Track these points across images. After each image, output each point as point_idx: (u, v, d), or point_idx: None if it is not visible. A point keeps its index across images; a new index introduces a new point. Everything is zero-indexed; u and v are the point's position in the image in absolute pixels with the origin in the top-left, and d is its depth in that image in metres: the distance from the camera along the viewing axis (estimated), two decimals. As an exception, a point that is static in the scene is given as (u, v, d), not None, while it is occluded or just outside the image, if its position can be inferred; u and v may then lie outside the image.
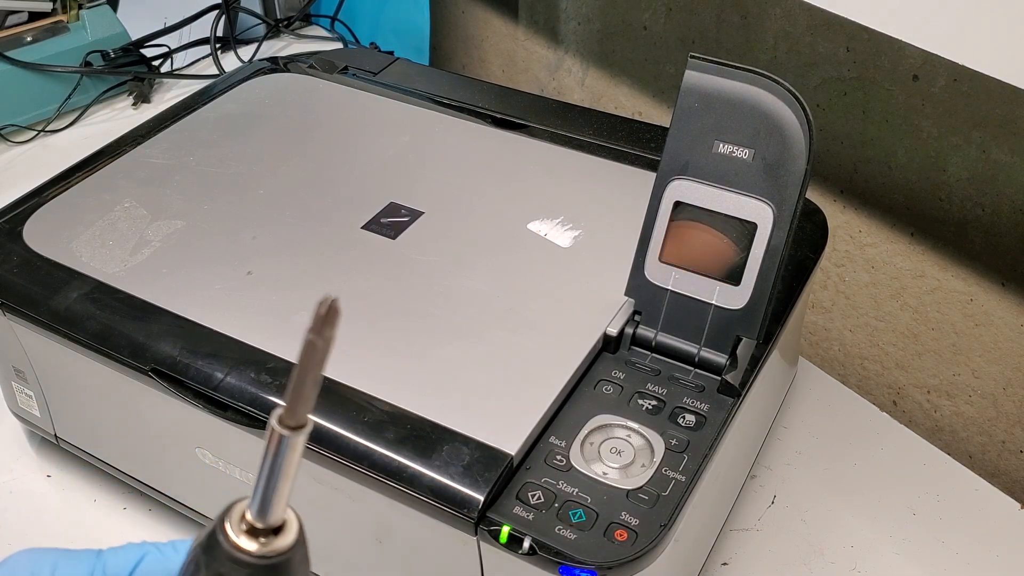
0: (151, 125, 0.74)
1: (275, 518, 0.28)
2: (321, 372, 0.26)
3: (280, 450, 0.27)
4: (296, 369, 0.26)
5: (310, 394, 0.27)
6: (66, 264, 0.60)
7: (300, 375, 0.26)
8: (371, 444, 0.49)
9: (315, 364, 0.26)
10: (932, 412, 0.82)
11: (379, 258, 0.60)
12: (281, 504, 0.28)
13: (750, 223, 0.52)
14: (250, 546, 0.28)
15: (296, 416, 0.27)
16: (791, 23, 0.82)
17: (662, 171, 0.54)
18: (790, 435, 0.70)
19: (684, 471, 0.49)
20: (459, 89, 0.78)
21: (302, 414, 0.27)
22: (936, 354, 0.80)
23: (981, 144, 0.72)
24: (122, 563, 0.34)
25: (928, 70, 0.73)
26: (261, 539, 0.28)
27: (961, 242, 0.75)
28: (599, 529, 0.46)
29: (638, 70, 1.01)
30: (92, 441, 0.65)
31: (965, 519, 0.65)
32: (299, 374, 0.26)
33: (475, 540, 0.47)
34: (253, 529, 0.28)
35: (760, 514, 0.65)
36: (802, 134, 0.51)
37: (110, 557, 0.34)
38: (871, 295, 0.84)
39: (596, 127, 0.72)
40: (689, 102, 0.53)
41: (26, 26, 1.05)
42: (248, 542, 0.28)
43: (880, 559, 0.62)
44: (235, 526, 0.28)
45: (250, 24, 1.22)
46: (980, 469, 0.75)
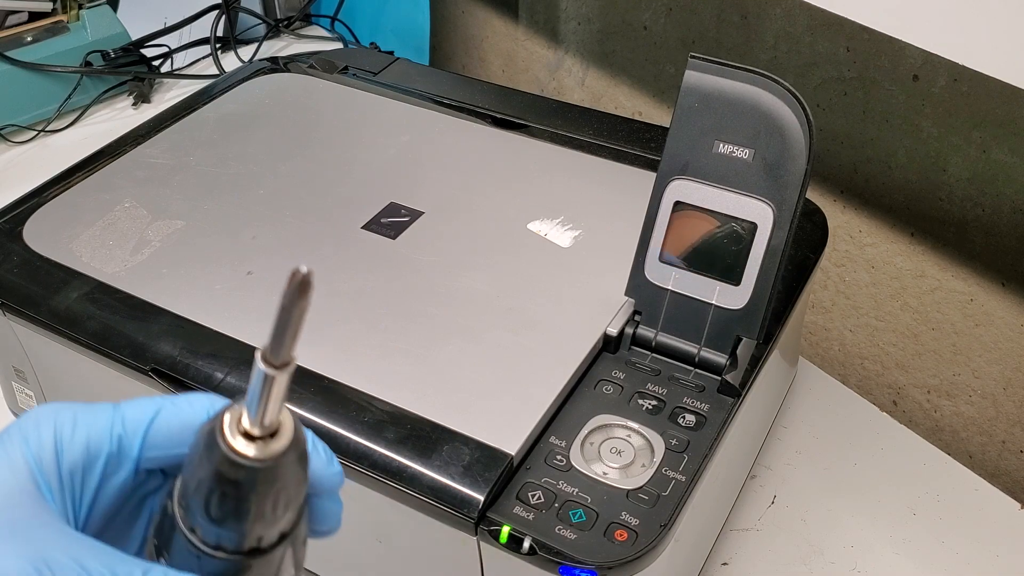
0: (151, 125, 0.74)
1: (269, 424, 0.30)
2: (303, 319, 0.28)
3: (267, 384, 0.29)
4: (278, 312, 0.28)
5: (292, 337, 0.28)
6: (66, 264, 0.60)
7: (280, 321, 0.28)
8: (371, 444, 0.49)
9: (296, 315, 0.28)
10: (932, 412, 0.82)
11: (379, 258, 0.60)
12: (272, 414, 0.30)
13: (750, 223, 0.52)
14: (247, 450, 0.30)
15: (280, 356, 0.29)
16: (791, 23, 0.82)
17: (662, 171, 0.54)
18: (790, 435, 0.70)
19: (684, 471, 0.49)
20: (459, 89, 0.78)
21: (285, 354, 0.29)
22: (936, 354, 0.80)
23: (981, 144, 0.72)
24: (139, 415, 0.35)
25: (928, 70, 0.73)
26: (258, 443, 0.30)
27: (961, 242, 0.75)
28: (599, 529, 0.46)
29: (638, 70, 1.01)
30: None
31: (965, 519, 0.65)
32: (279, 320, 0.28)
33: (475, 540, 0.47)
34: (249, 433, 0.30)
35: (760, 514, 0.65)
36: (802, 134, 0.51)
37: (127, 409, 0.35)
38: (871, 295, 0.84)
39: (596, 127, 0.73)
40: (689, 102, 0.53)
41: (26, 26, 1.05)
42: (245, 445, 0.30)
43: (880, 559, 0.62)
44: (232, 428, 0.30)
45: (250, 24, 1.22)
46: (980, 469, 0.75)
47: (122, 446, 0.34)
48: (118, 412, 0.35)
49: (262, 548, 0.32)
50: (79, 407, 0.35)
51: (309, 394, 0.51)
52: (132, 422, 0.35)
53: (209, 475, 0.30)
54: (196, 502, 0.31)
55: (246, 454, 0.30)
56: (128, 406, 0.35)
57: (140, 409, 0.35)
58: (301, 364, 0.53)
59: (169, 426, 0.35)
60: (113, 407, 0.35)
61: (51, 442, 0.33)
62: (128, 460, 0.34)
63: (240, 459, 0.29)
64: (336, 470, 0.36)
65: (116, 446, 0.34)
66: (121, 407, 0.35)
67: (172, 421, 0.35)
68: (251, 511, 0.30)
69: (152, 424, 0.35)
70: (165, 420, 0.35)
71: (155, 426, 0.35)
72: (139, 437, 0.34)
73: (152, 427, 0.35)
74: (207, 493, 0.30)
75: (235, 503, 0.30)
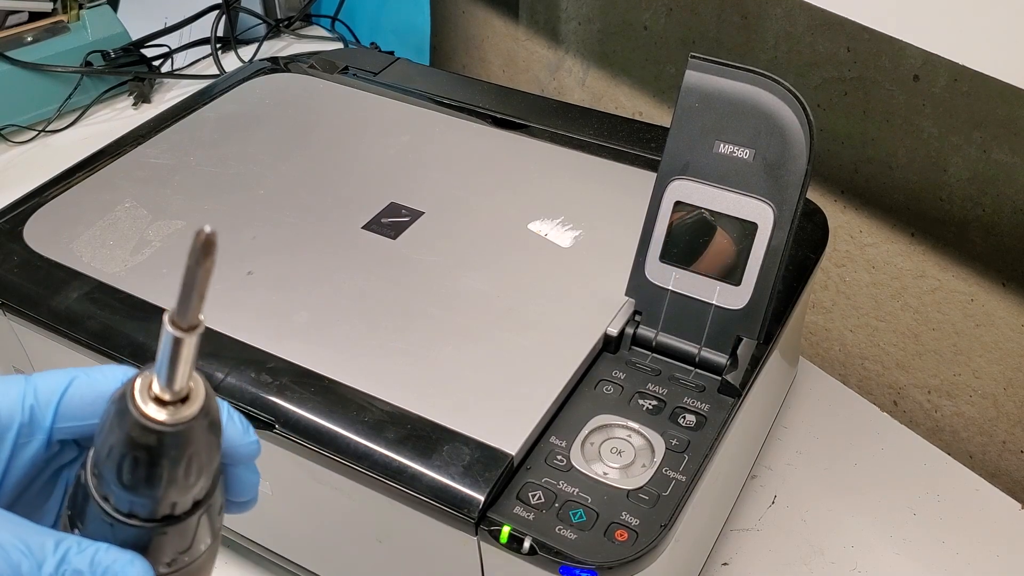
0: (151, 125, 0.74)
1: (179, 388, 0.30)
2: (208, 280, 0.28)
3: (175, 348, 0.29)
4: (183, 273, 0.28)
5: (199, 299, 0.29)
6: (66, 264, 0.60)
7: (187, 282, 0.28)
8: (371, 444, 0.49)
9: (202, 276, 0.28)
10: (933, 412, 0.82)
11: (379, 258, 0.60)
12: (182, 378, 0.30)
13: (751, 223, 0.52)
14: (158, 415, 0.30)
15: (187, 319, 0.29)
16: (792, 23, 0.82)
17: (662, 171, 0.54)
18: (790, 435, 0.70)
19: (684, 471, 0.48)
20: (459, 89, 0.78)
21: (192, 317, 0.29)
22: (937, 354, 0.80)
23: (982, 144, 0.71)
24: (52, 386, 0.35)
25: (929, 70, 0.73)
26: (168, 407, 0.30)
27: (962, 242, 0.75)
28: (599, 529, 0.46)
29: (638, 70, 1.01)
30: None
31: (966, 519, 0.64)
32: (185, 281, 0.28)
33: (475, 540, 0.47)
34: (159, 398, 0.30)
35: (760, 514, 0.65)
36: (803, 134, 0.51)
37: (39, 381, 0.35)
38: (871, 295, 0.84)
39: (596, 127, 0.72)
40: (689, 102, 0.53)
41: (26, 26, 1.05)
42: (156, 410, 0.30)
43: (880, 559, 0.62)
44: (143, 394, 0.30)
45: (250, 24, 1.22)
46: (981, 469, 0.75)
47: (34, 416, 0.34)
48: (30, 383, 0.35)
49: (176, 515, 0.32)
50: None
51: (309, 394, 0.51)
52: (45, 392, 0.34)
53: (120, 441, 0.30)
54: (108, 469, 0.31)
55: (156, 418, 0.30)
56: (40, 377, 0.35)
57: (53, 379, 0.35)
58: (301, 364, 0.53)
59: (82, 396, 0.35)
60: (25, 378, 0.35)
61: None
62: (40, 431, 0.34)
63: (150, 423, 0.30)
64: (252, 439, 0.36)
65: (28, 416, 0.34)
66: (33, 378, 0.35)
67: (85, 391, 0.35)
68: (163, 477, 0.30)
69: (65, 394, 0.34)
70: (78, 390, 0.35)
71: (68, 396, 0.34)
72: (52, 407, 0.34)
73: (65, 397, 0.34)
74: (119, 459, 0.30)
75: (147, 469, 0.30)
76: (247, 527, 0.59)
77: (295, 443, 0.51)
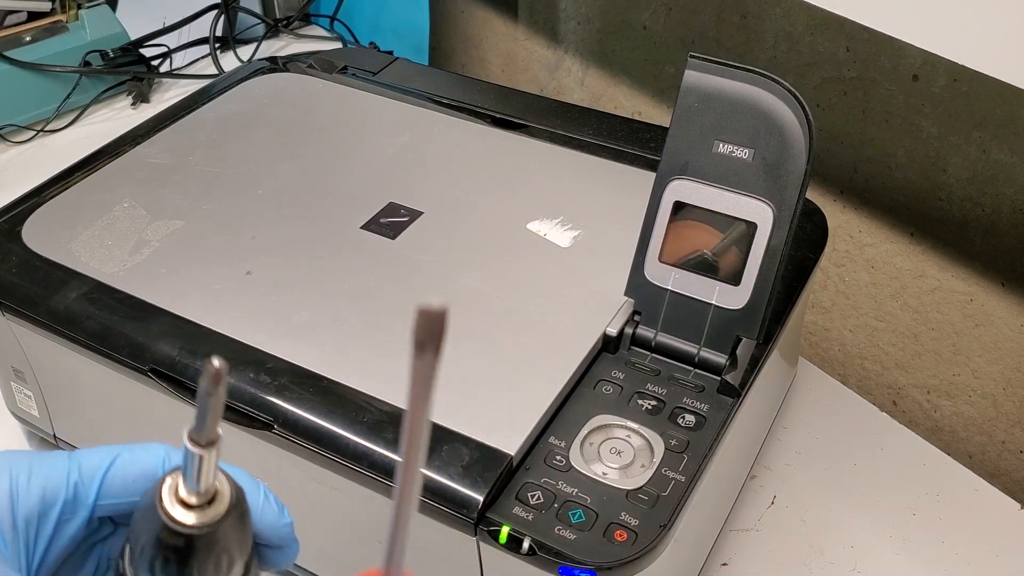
0: (150, 125, 0.73)
1: (204, 491, 0.31)
2: (221, 405, 0.30)
3: (196, 461, 0.30)
4: (198, 399, 0.29)
5: (214, 420, 0.30)
6: (65, 264, 0.60)
7: (201, 406, 0.29)
8: (371, 444, 0.49)
9: (215, 402, 0.29)
10: (932, 412, 0.82)
11: (378, 258, 0.60)
12: (206, 483, 0.31)
13: (750, 223, 0.52)
14: (186, 518, 0.31)
15: (204, 436, 0.30)
16: (791, 23, 0.82)
17: (662, 171, 0.54)
18: (790, 435, 0.70)
19: (684, 471, 0.48)
20: (458, 89, 0.78)
21: (210, 434, 0.30)
22: (936, 354, 0.80)
23: (981, 144, 0.71)
24: (95, 463, 0.35)
25: (928, 70, 0.73)
26: (196, 511, 0.31)
27: (961, 242, 0.75)
28: (599, 529, 0.46)
29: (638, 70, 1.01)
30: (91, 441, 0.65)
31: (965, 519, 0.64)
32: (200, 405, 0.29)
33: (474, 540, 0.47)
34: (187, 502, 0.31)
35: (760, 514, 0.65)
36: (802, 134, 0.51)
37: (84, 458, 0.36)
38: (871, 295, 0.84)
39: (596, 127, 0.72)
40: (689, 102, 0.53)
41: (25, 26, 1.05)
42: (184, 514, 0.31)
43: (880, 559, 0.62)
44: (171, 498, 0.31)
45: (249, 24, 1.22)
46: (980, 469, 0.75)
47: (78, 493, 0.35)
48: (74, 460, 0.35)
49: None
50: (34, 455, 0.35)
51: (308, 394, 0.51)
52: (88, 469, 0.35)
53: (152, 542, 0.31)
54: (143, 566, 0.32)
55: (184, 522, 0.31)
56: (84, 454, 0.35)
57: (96, 457, 0.35)
58: (300, 364, 0.53)
59: (125, 475, 0.35)
60: (68, 455, 0.35)
61: (7, 491, 0.34)
62: (84, 508, 0.35)
63: (179, 527, 0.31)
64: (286, 521, 0.37)
65: (72, 493, 0.34)
66: (77, 455, 0.35)
67: (128, 469, 0.35)
68: (194, 574, 0.31)
69: (108, 472, 0.35)
70: (121, 468, 0.35)
71: (111, 474, 0.35)
72: (95, 484, 0.35)
73: (108, 475, 0.35)
74: (151, 559, 0.31)
75: (178, 568, 0.31)
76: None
77: (294, 443, 0.50)
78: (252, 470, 0.55)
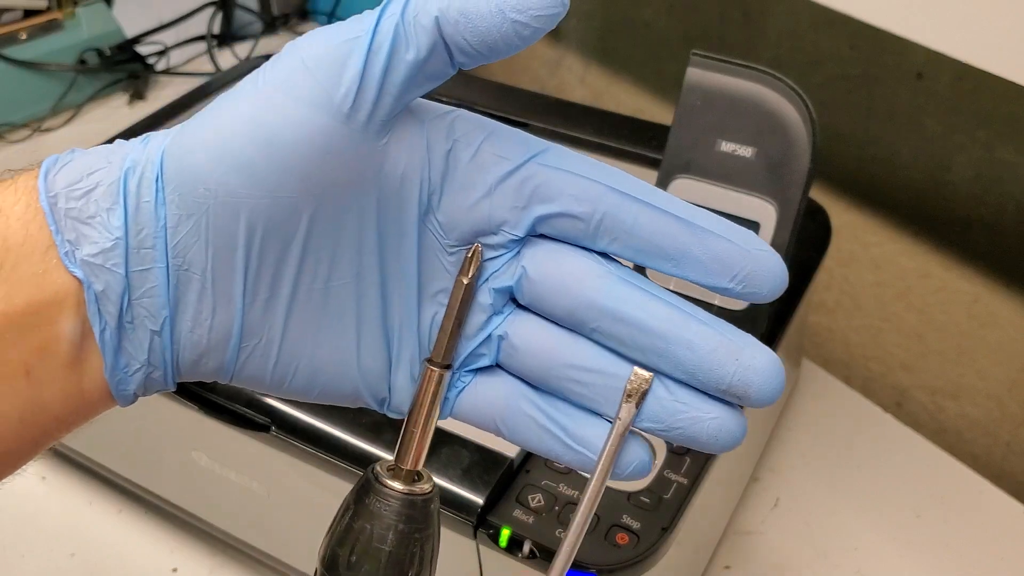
0: (147, 123, 0.73)
1: (416, 463, 0.32)
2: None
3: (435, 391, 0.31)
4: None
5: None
6: (60, 263, 0.59)
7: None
8: (370, 446, 0.48)
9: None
10: (936, 413, 0.82)
11: (377, 257, 0.59)
12: (422, 452, 0.32)
13: (753, 222, 0.52)
14: (397, 485, 0.32)
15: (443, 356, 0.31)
16: (794, 20, 0.82)
17: (664, 170, 0.53)
18: (793, 437, 0.70)
19: (686, 474, 0.48)
20: (458, 87, 0.77)
21: (448, 355, 0.31)
22: (941, 355, 0.80)
23: (986, 143, 0.71)
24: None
25: (932, 68, 0.73)
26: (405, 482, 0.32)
27: (966, 242, 0.75)
28: (600, 532, 0.45)
29: (639, 68, 1.01)
30: (87, 443, 0.64)
31: (970, 521, 0.64)
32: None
33: (475, 543, 0.47)
34: (397, 473, 0.32)
35: (763, 517, 0.64)
36: (805, 132, 0.50)
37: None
38: (875, 295, 0.83)
39: (597, 125, 0.72)
40: (691, 100, 0.52)
41: (21, 23, 1.04)
42: (395, 482, 0.32)
43: (884, 561, 0.61)
44: (383, 469, 0.33)
45: (246, 21, 1.21)
46: (985, 471, 0.75)
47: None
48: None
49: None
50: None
51: (306, 396, 0.51)
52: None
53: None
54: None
55: (397, 488, 0.32)
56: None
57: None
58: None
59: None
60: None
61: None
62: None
63: (392, 491, 0.32)
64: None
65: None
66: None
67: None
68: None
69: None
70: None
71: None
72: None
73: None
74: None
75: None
76: (244, 530, 0.59)
77: (292, 445, 0.50)
78: (251, 471, 0.54)
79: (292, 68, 0.29)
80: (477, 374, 0.32)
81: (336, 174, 0.29)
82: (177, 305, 0.30)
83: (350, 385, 0.32)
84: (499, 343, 0.31)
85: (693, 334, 0.30)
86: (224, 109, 0.30)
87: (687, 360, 0.30)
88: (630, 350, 0.30)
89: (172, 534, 0.63)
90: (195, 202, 0.29)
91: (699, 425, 0.30)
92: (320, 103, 0.29)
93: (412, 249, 0.31)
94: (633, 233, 0.30)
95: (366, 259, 0.31)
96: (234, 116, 0.29)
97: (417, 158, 0.30)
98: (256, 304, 0.30)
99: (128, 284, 0.29)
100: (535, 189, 0.30)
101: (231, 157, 0.29)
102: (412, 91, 0.30)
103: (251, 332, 0.30)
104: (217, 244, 0.29)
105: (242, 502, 0.56)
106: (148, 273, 0.29)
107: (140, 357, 0.30)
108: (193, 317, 0.30)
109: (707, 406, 0.30)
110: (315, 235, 0.30)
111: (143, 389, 0.31)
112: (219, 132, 0.29)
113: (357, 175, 0.30)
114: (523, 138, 0.31)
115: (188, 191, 0.29)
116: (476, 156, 0.31)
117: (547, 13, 0.29)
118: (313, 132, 0.29)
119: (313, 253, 0.30)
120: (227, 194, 0.29)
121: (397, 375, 0.32)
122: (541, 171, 0.30)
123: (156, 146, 0.30)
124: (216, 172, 0.29)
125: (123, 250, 0.29)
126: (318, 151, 0.29)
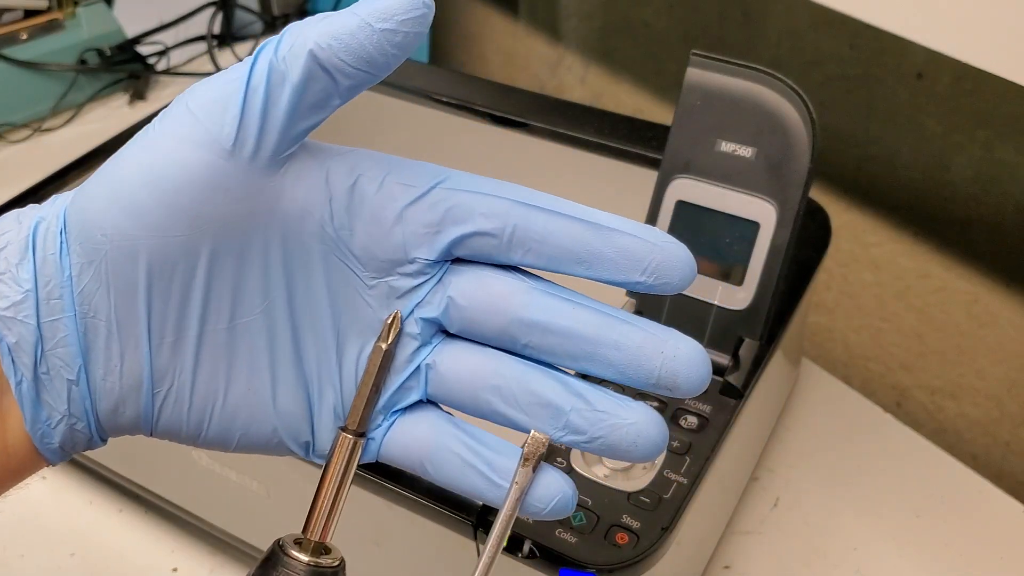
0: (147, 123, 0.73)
1: (324, 534, 0.32)
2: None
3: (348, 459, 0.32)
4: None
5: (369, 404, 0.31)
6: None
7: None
8: (368, 446, 0.48)
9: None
10: (936, 413, 0.82)
11: (377, 257, 0.59)
12: (332, 523, 0.33)
13: (753, 222, 0.52)
14: (303, 557, 0.32)
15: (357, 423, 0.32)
16: (794, 20, 0.82)
17: (664, 170, 0.53)
18: (793, 437, 0.70)
19: (686, 473, 0.48)
20: (458, 87, 0.77)
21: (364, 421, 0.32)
22: (940, 355, 0.80)
23: (985, 143, 0.71)
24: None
25: (932, 68, 0.73)
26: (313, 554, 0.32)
27: (965, 242, 0.75)
28: (600, 532, 0.45)
29: (639, 67, 1.01)
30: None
31: (969, 521, 0.64)
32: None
33: (474, 543, 0.46)
34: (304, 545, 0.32)
35: (763, 517, 0.64)
36: (805, 132, 0.50)
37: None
38: (875, 295, 0.83)
39: (597, 125, 0.72)
40: (691, 100, 0.52)
41: (21, 23, 1.04)
42: (302, 554, 0.32)
43: (884, 561, 0.61)
44: (290, 541, 0.32)
45: (247, 21, 1.21)
46: (984, 471, 0.75)
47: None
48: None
49: None
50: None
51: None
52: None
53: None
54: None
55: (302, 559, 0.32)
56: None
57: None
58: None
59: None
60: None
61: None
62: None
63: (297, 563, 0.32)
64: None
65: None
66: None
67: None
68: None
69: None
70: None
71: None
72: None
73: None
74: None
75: None
76: (244, 530, 0.59)
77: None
78: (251, 471, 0.54)
79: (178, 114, 0.30)
80: (404, 412, 0.32)
81: (226, 209, 0.30)
82: (88, 353, 0.30)
83: (269, 428, 0.32)
84: (427, 373, 0.32)
85: (619, 334, 0.30)
86: (120, 159, 0.31)
87: (616, 359, 0.30)
88: (561, 359, 0.31)
89: (172, 534, 0.63)
90: (94, 248, 0.29)
91: (618, 432, 0.30)
92: (204, 142, 0.29)
93: (321, 284, 0.31)
94: (545, 241, 0.31)
95: (274, 296, 0.31)
96: (127, 164, 0.30)
97: (316, 193, 0.31)
98: (163, 346, 0.30)
99: (40, 335, 0.29)
100: (446, 212, 0.31)
101: (123, 200, 0.29)
102: (299, 122, 0.30)
103: (161, 376, 0.31)
104: (118, 287, 0.30)
105: (242, 502, 0.56)
106: (58, 323, 0.30)
107: (60, 408, 0.30)
108: (104, 364, 0.30)
109: (625, 412, 0.31)
110: (217, 274, 0.30)
111: (70, 444, 0.31)
112: (113, 180, 0.30)
113: (249, 211, 0.30)
114: (426, 167, 0.32)
115: (87, 238, 0.30)
116: (382, 188, 0.31)
117: (412, 16, 0.31)
118: (198, 170, 0.29)
119: (216, 291, 0.30)
120: (122, 237, 0.29)
121: (320, 417, 0.32)
122: (449, 194, 0.31)
123: (62, 202, 0.31)
124: (110, 216, 0.29)
125: (33, 302, 0.29)
126: (205, 188, 0.29)
